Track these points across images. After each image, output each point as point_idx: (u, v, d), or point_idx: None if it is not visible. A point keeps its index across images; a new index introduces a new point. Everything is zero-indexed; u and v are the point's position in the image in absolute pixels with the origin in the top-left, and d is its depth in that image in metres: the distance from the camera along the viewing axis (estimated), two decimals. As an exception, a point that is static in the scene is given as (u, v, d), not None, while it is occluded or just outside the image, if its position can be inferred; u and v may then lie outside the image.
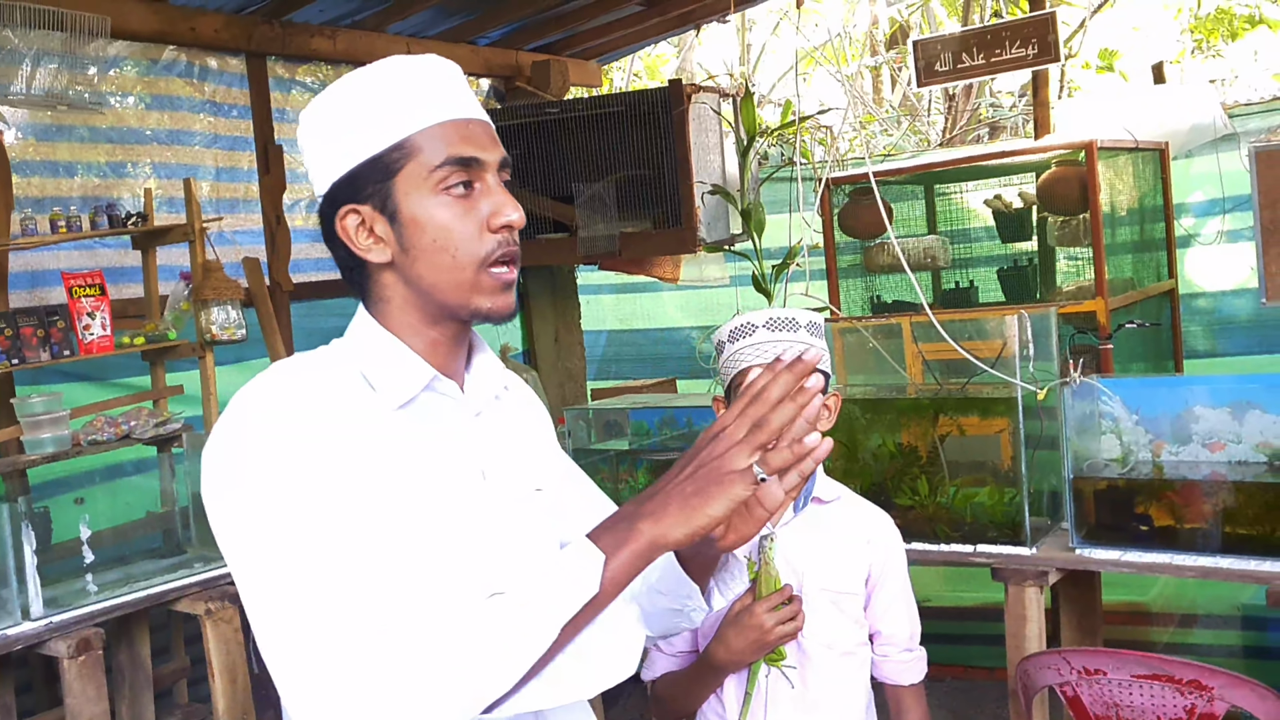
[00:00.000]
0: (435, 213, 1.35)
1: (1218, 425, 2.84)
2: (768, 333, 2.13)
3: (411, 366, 1.41)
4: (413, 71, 1.39)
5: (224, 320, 3.79)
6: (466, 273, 1.36)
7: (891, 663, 2.22)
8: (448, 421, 1.44)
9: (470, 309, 1.38)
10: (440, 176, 1.34)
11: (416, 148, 1.35)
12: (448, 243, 1.35)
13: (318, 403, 1.34)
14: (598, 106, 4.54)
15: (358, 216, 1.38)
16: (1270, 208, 3.36)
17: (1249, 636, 4.35)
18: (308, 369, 1.40)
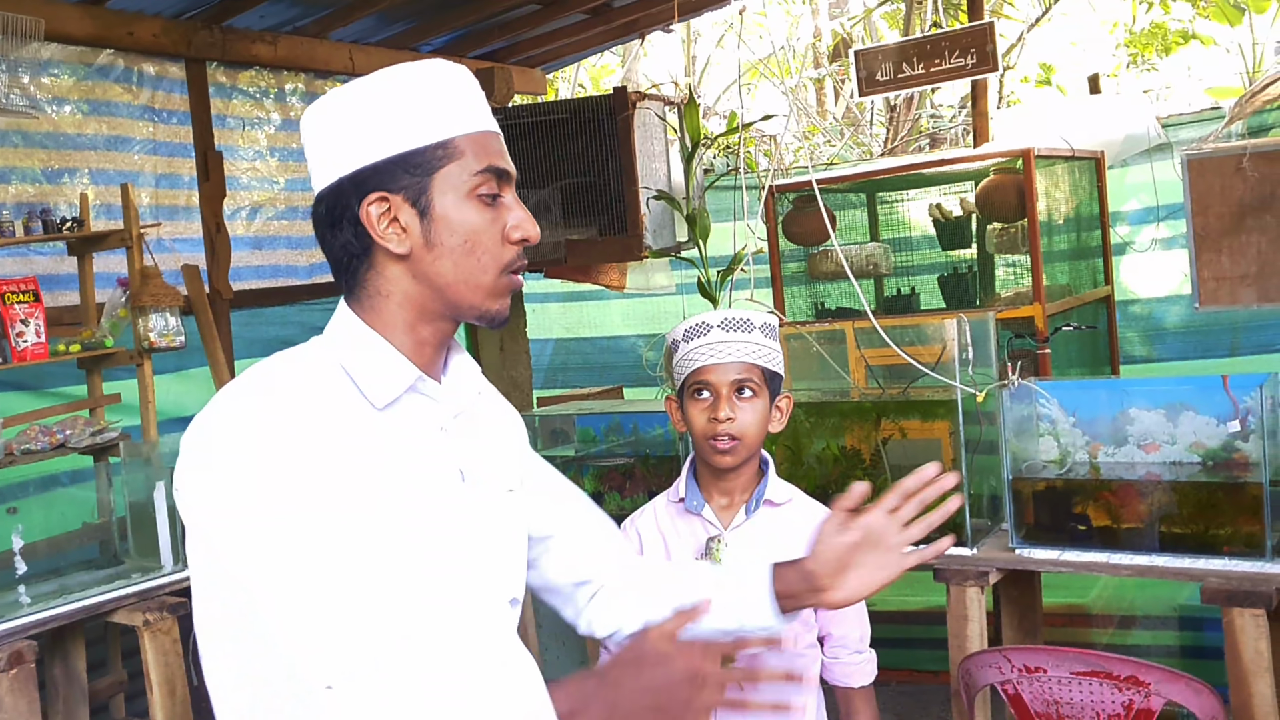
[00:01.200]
0: (468, 215, 1.39)
1: (1152, 427, 2.88)
2: (722, 333, 2.15)
3: (397, 367, 1.41)
4: (457, 76, 1.43)
5: (163, 327, 3.73)
6: (488, 276, 1.40)
7: (842, 665, 2.23)
8: (428, 422, 1.45)
9: (479, 310, 1.42)
10: (478, 182, 1.39)
11: (459, 150, 1.39)
12: (476, 246, 1.39)
13: (297, 408, 1.34)
14: (542, 113, 4.55)
15: (385, 204, 1.39)
16: (1202, 215, 3.43)
17: (1186, 636, 4.42)
18: (289, 371, 1.39)
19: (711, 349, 2.14)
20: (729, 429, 2.12)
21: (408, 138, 1.38)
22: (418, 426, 1.43)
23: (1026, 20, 9.39)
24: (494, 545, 1.50)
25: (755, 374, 2.15)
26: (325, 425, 1.34)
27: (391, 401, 1.40)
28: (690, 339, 2.18)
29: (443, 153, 1.38)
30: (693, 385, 2.16)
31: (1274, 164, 3.31)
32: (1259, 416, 2.68)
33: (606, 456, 3.81)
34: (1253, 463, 2.71)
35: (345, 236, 1.41)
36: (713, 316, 2.19)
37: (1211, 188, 3.40)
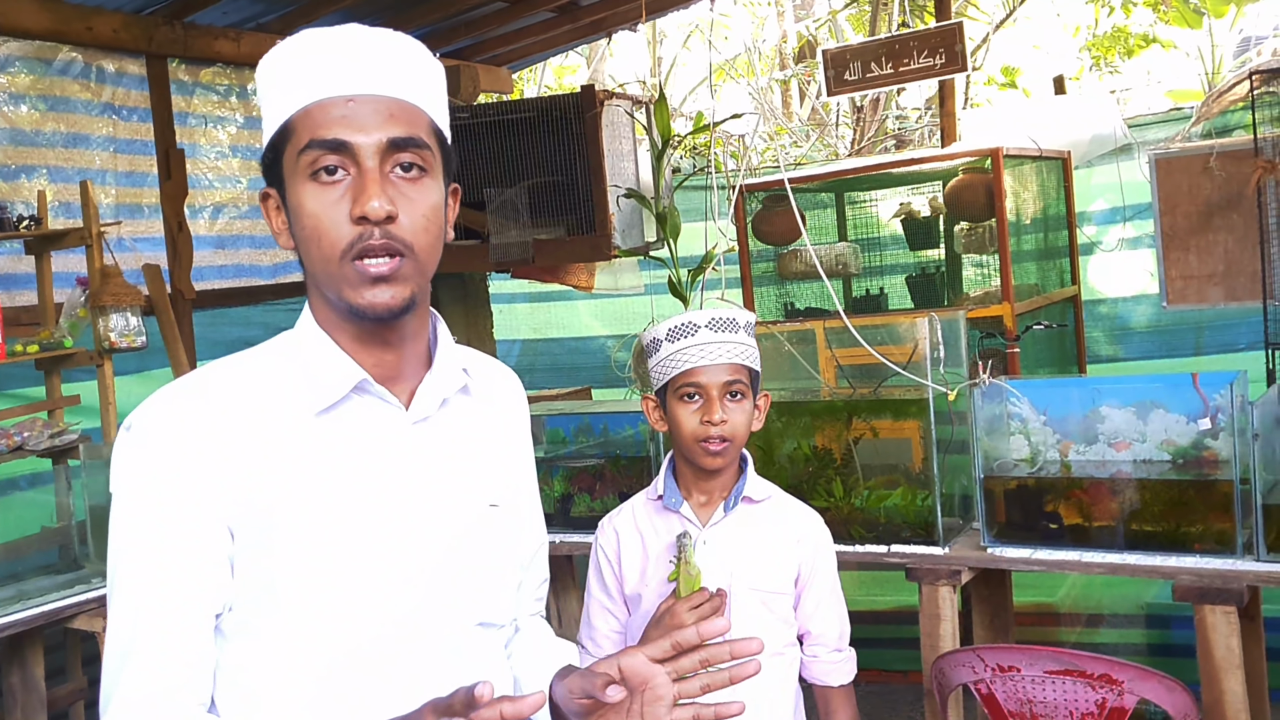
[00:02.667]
0: (304, 200, 1.26)
1: (1123, 425, 2.89)
2: (711, 333, 2.11)
3: (339, 367, 1.32)
4: (307, 47, 1.28)
5: (123, 328, 3.66)
6: (331, 265, 1.26)
7: (821, 663, 2.22)
8: (380, 429, 1.34)
9: (345, 304, 1.28)
10: (307, 161, 1.25)
11: (292, 129, 1.27)
12: (314, 231, 1.26)
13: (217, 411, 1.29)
14: (509, 111, 4.50)
15: (273, 200, 1.33)
16: (1170, 214, 3.45)
17: (1153, 634, 4.44)
18: (235, 370, 1.34)
19: (701, 350, 2.11)
20: (721, 431, 2.10)
21: (267, 127, 1.31)
22: (367, 433, 1.33)
23: (991, 22, 9.45)
24: (454, 566, 1.37)
25: (743, 375, 2.13)
26: (243, 430, 1.28)
27: (332, 405, 1.31)
28: (676, 339, 2.14)
29: (282, 136, 1.28)
30: (681, 387, 2.13)
31: (1241, 163, 3.34)
32: (1229, 414, 2.69)
33: (576, 458, 3.78)
34: (1223, 460, 2.72)
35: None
36: (699, 316, 2.15)
37: (1179, 187, 3.43)
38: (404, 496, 1.33)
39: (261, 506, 1.28)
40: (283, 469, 1.28)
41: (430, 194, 1.30)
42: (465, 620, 1.38)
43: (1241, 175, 3.31)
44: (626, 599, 2.21)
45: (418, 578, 1.33)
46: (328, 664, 1.30)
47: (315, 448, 1.30)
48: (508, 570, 1.46)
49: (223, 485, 1.27)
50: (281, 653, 1.29)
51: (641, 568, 2.18)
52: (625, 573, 2.21)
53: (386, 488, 1.33)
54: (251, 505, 1.28)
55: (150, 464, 1.28)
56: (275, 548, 1.28)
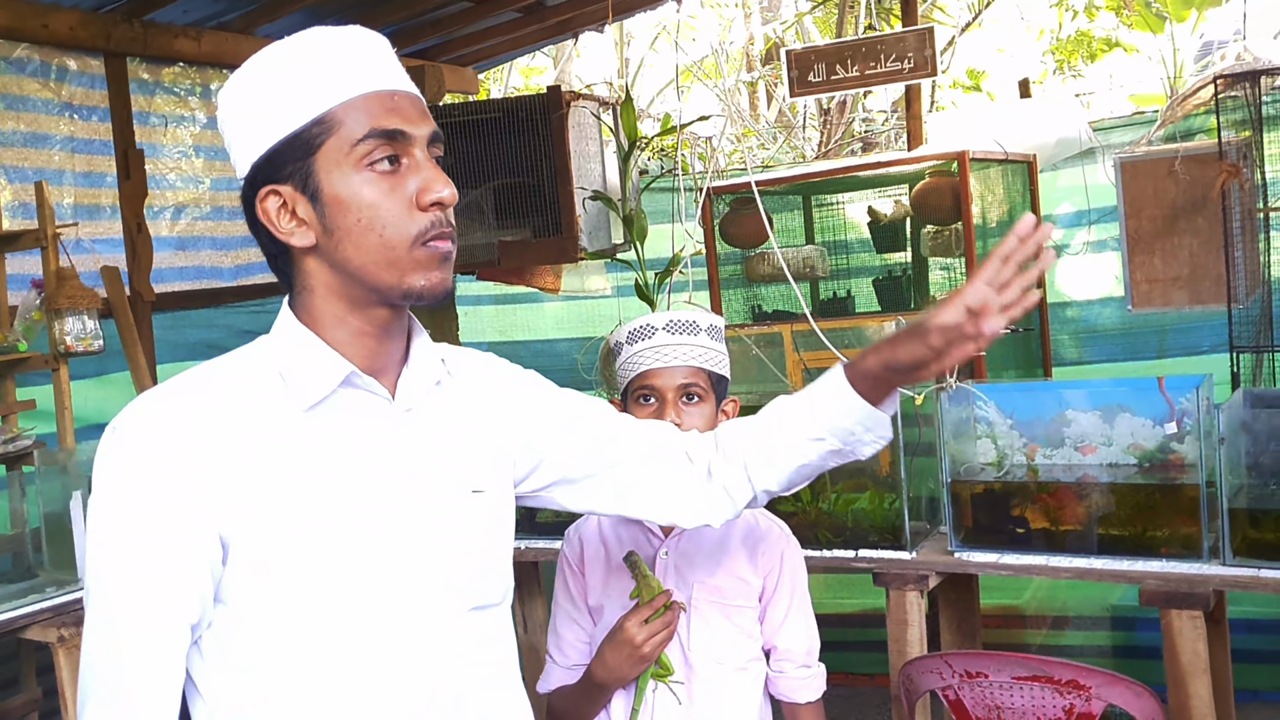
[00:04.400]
0: (360, 190, 1.28)
1: (1089, 429, 2.89)
2: (668, 335, 2.08)
3: (325, 362, 1.33)
4: (334, 42, 1.32)
5: (79, 331, 3.60)
6: (398, 252, 1.29)
7: (788, 679, 2.17)
8: (370, 421, 1.36)
9: (403, 289, 1.30)
10: (364, 151, 1.27)
11: (338, 121, 1.28)
12: (374, 221, 1.28)
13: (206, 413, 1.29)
14: (474, 112, 4.46)
15: (279, 198, 1.31)
16: (1135, 217, 3.46)
17: (1118, 636, 4.47)
18: (219, 372, 1.34)
19: (657, 352, 2.08)
20: None
21: (285, 122, 1.29)
22: (356, 425, 1.35)
23: (957, 24, 9.49)
24: (445, 551, 1.40)
25: (702, 378, 2.09)
26: (231, 432, 1.28)
27: (320, 401, 1.33)
28: (634, 341, 2.11)
29: (319, 129, 1.28)
30: (637, 390, 2.10)
31: (1205, 167, 3.35)
32: (1195, 418, 2.69)
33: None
34: (1189, 464, 2.73)
35: (261, 236, 1.35)
36: (658, 318, 2.12)
37: (1144, 191, 3.44)
38: (396, 487, 1.36)
39: (255, 508, 1.28)
40: (274, 468, 1.29)
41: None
42: (459, 605, 1.41)
43: (1206, 179, 3.32)
44: (591, 609, 2.18)
45: (413, 567, 1.36)
46: (329, 656, 1.32)
47: (306, 444, 1.31)
48: (495, 553, 1.49)
49: (213, 489, 1.27)
50: (282, 649, 1.31)
51: (604, 578, 2.15)
52: (589, 582, 2.18)
53: (379, 479, 1.35)
54: (245, 507, 1.28)
55: (135, 467, 1.26)
56: (272, 548, 1.29)
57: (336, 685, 1.32)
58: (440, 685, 1.39)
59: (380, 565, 1.34)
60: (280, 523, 1.29)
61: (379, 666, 1.34)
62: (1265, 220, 3.61)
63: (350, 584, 1.32)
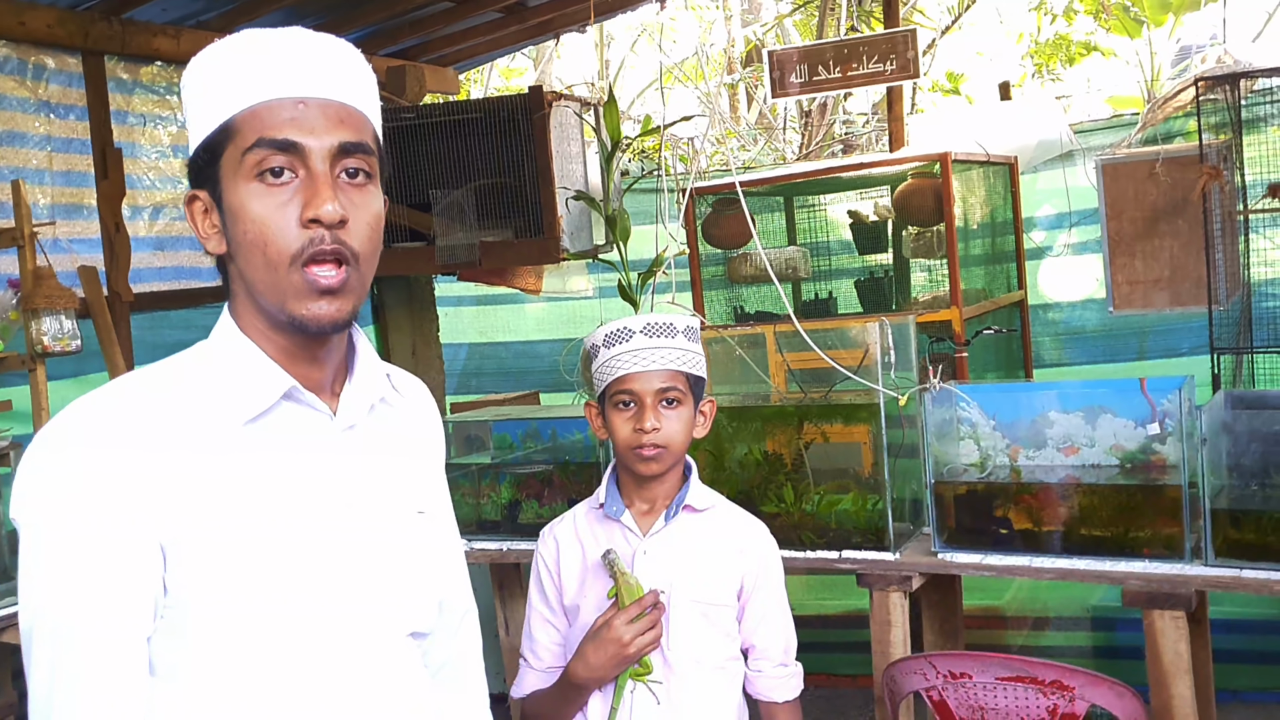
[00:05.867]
0: (248, 202, 1.22)
1: (1072, 430, 2.90)
2: (645, 338, 2.08)
3: (266, 375, 1.28)
4: (257, 45, 1.25)
5: (56, 331, 3.56)
6: (279, 272, 1.22)
7: (766, 678, 2.18)
8: (310, 437, 1.31)
9: (286, 314, 1.25)
10: (253, 161, 1.22)
11: (235, 129, 1.23)
12: (259, 236, 1.22)
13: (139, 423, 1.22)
14: (456, 112, 4.45)
15: (199, 202, 1.28)
16: (1116, 219, 3.47)
17: (1099, 637, 4.48)
18: (155, 379, 1.28)
19: (634, 356, 2.07)
20: (654, 439, 2.06)
21: (201, 126, 1.26)
22: (296, 441, 1.30)
23: (937, 28, 9.52)
24: (388, 573, 1.35)
25: (680, 381, 2.09)
26: (169, 442, 1.22)
27: (261, 414, 1.27)
28: (612, 345, 2.10)
29: (223, 136, 1.24)
30: (615, 393, 2.09)
31: (1186, 170, 3.37)
32: (1177, 419, 2.70)
33: (524, 464, 3.73)
34: (1171, 465, 2.74)
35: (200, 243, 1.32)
36: (635, 322, 2.11)
37: (1125, 193, 3.45)
38: (335, 504, 1.31)
39: (193, 519, 1.22)
40: (213, 480, 1.24)
41: (375, 201, 1.29)
42: (398, 629, 1.37)
43: (1187, 181, 3.34)
44: (566, 610, 2.17)
45: (353, 587, 1.31)
46: (266, 678, 1.26)
47: (245, 457, 1.26)
48: (434, 578, 1.45)
49: (153, 500, 1.20)
50: (219, 668, 1.25)
51: (581, 578, 2.14)
52: (564, 583, 2.17)
53: (318, 496, 1.30)
54: (183, 519, 1.22)
55: (72, 482, 1.19)
56: (210, 561, 1.23)
57: (274, 707, 1.27)
58: (379, 712, 1.34)
59: (319, 586, 1.29)
60: (218, 538, 1.23)
61: (316, 689, 1.29)
62: (1245, 223, 3.64)
63: (289, 604, 1.27)
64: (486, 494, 3.71)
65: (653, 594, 2.00)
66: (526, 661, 2.19)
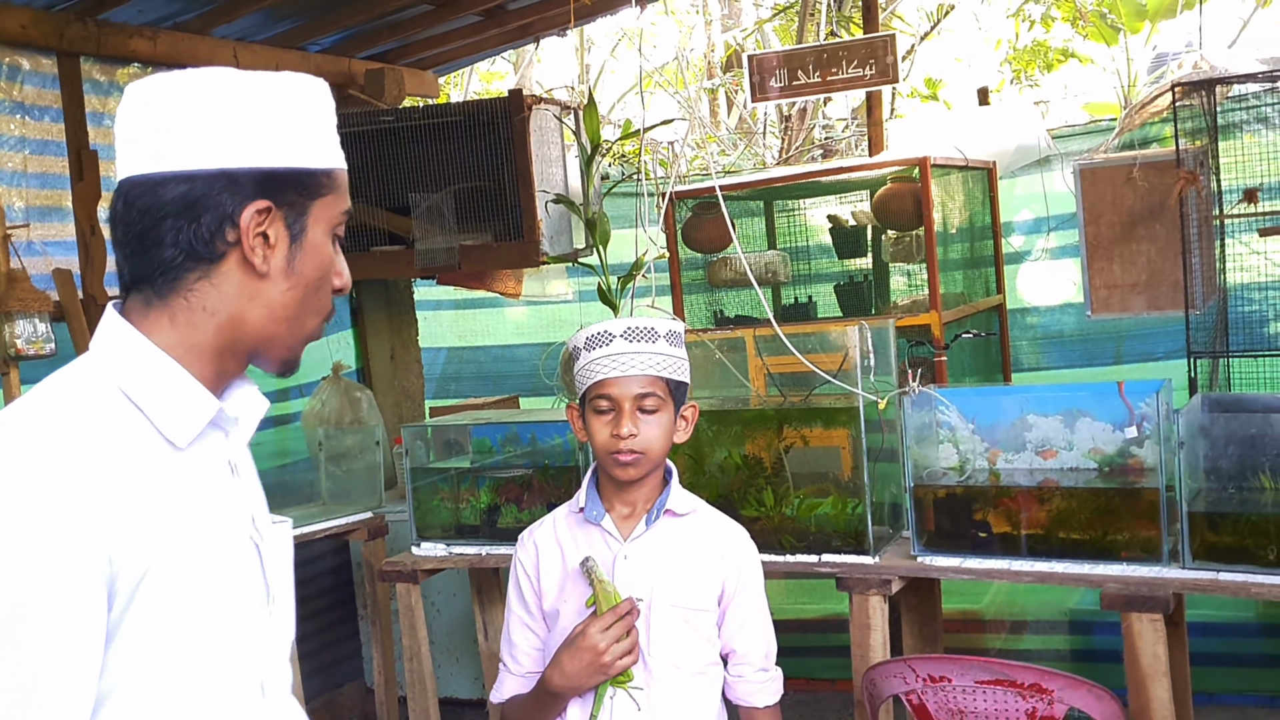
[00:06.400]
0: (326, 252, 1.32)
1: (1050, 433, 2.90)
2: (626, 343, 2.05)
3: (198, 399, 1.26)
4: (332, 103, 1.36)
5: (30, 334, 3.53)
6: (317, 317, 1.34)
7: (746, 683, 2.17)
8: (221, 461, 1.32)
9: (288, 353, 1.34)
10: (339, 220, 1.34)
11: (337, 184, 1.33)
12: (321, 284, 1.33)
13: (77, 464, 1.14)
14: (435, 115, 4.43)
15: (265, 216, 1.25)
16: (1094, 223, 3.49)
17: (1076, 640, 4.49)
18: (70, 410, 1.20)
19: (613, 361, 2.05)
20: (631, 445, 2.04)
21: (305, 155, 1.29)
22: (213, 467, 1.30)
23: (915, 34, 9.56)
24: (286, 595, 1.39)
25: (659, 387, 2.07)
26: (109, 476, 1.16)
27: (193, 440, 1.26)
28: (592, 348, 2.08)
29: (327, 181, 1.31)
30: (594, 397, 2.08)
31: (1163, 174, 3.39)
32: (1154, 422, 2.71)
33: (503, 468, 3.71)
34: (1148, 468, 2.75)
35: (197, 234, 1.23)
36: (615, 325, 2.09)
37: (1103, 197, 3.46)
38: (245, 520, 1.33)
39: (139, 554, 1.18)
40: (153, 512, 1.20)
41: None
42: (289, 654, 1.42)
43: (1164, 186, 3.36)
44: (545, 615, 2.15)
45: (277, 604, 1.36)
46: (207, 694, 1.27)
47: (181, 484, 1.24)
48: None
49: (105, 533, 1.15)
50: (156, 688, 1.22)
51: (560, 583, 2.13)
52: (544, 587, 2.16)
53: (236, 522, 1.32)
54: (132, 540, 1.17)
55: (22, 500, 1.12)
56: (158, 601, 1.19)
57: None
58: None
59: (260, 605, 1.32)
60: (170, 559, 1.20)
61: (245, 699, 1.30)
62: (1221, 228, 3.66)
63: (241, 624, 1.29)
64: (465, 498, 3.69)
65: (629, 602, 1.98)
66: (506, 666, 2.17)
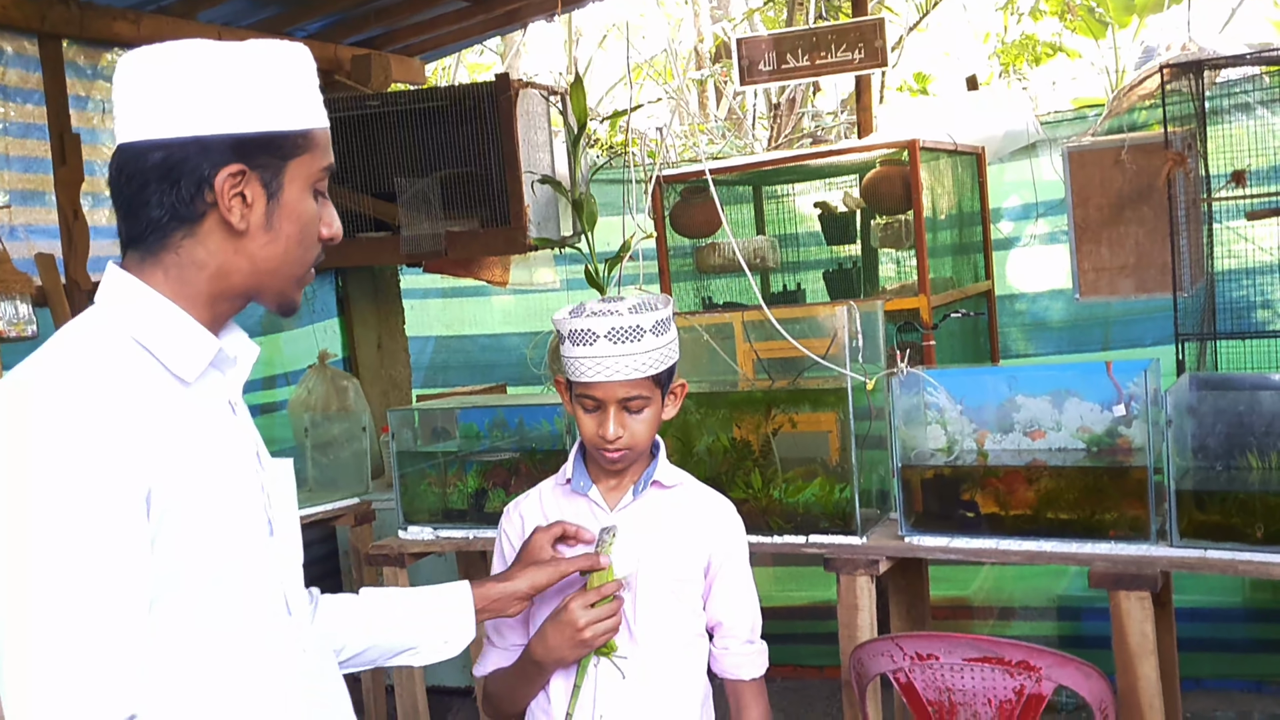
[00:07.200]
0: (307, 207, 1.42)
1: (1038, 413, 2.90)
2: (610, 345, 1.98)
3: (200, 339, 1.38)
4: (313, 65, 1.45)
5: (12, 315, 3.50)
6: (302, 267, 1.44)
7: (732, 655, 2.15)
8: (222, 399, 1.44)
9: (286, 297, 1.45)
10: (319, 177, 1.43)
11: (315, 143, 1.41)
12: (304, 238, 1.42)
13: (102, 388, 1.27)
14: (422, 100, 4.41)
15: (239, 179, 1.36)
16: (1082, 207, 3.48)
17: (1065, 625, 4.50)
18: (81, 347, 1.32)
19: (597, 364, 1.99)
20: (617, 445, 2.02)
21: (278, 118, 1.38)
22: (216, 404, 1.42)
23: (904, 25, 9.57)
24: (291, 525, 1.51)
25: (645, 387, 2.02)
26: (129, 415, 1.27)
27: (198, 376, 1.38)
28: (576, 344, 2.02)
29: (302, 142, 1.40)
30: (580, 394, 2.05)
31: (1151, 157, 3.38)
32: (1142, 402, 2.71)
33: (491, 451, 3.70)
34: (1136, 448, 2.74)
35: (178, 196, 1.35)
36: (600, 324, 1.98)
37: (1091, 180, 3.46)
38: (251, 465, 1.45)
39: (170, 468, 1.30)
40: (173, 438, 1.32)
41: None
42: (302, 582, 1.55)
43: (1152, 168, 3.35)
44: None
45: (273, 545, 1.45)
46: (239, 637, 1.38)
47: (191, 418, 1.36)
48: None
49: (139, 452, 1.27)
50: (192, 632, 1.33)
51: None
52: None
53: (241, 457, 1.43)
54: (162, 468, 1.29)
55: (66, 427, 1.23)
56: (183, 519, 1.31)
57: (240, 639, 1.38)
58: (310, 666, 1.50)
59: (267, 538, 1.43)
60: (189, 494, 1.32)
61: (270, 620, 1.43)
62: (1208, 211, 3.66)
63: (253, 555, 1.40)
64: (453, 483, 3.67)
65: (617, 584, 1.96)
66: (490, 639, 2.16)
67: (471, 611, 1.89)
